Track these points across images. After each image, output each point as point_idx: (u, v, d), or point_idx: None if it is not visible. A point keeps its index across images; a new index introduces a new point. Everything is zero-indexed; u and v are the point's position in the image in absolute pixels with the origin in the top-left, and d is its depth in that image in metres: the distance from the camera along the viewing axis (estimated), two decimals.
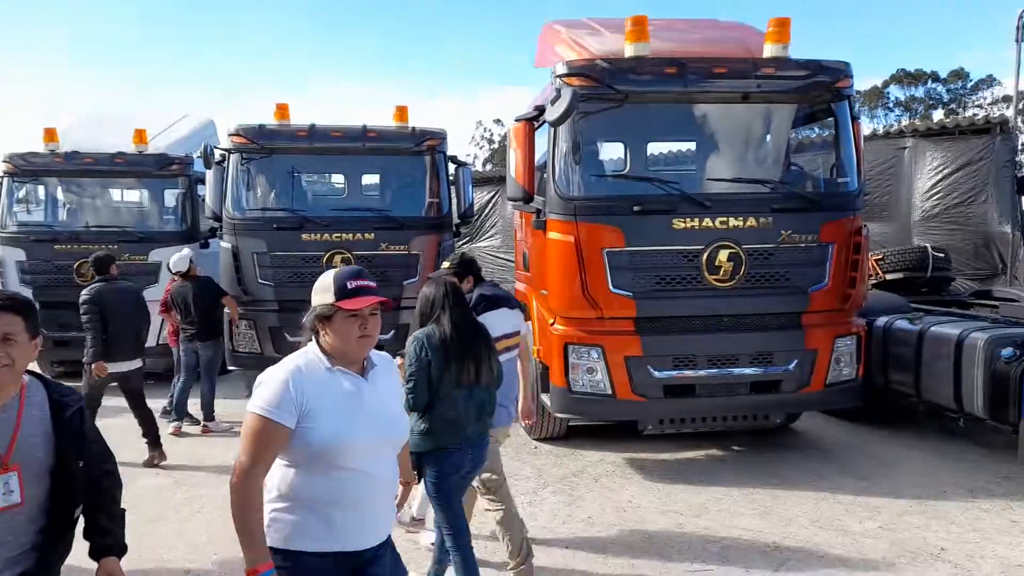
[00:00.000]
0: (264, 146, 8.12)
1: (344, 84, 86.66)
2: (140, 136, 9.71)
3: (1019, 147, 6.72)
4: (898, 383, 6.63)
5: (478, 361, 3.42)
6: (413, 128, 8.45)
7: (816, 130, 6.66)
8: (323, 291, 2.21)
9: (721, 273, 5.71)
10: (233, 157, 8.11)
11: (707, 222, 5.70)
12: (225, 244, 8.13)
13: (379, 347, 2.38)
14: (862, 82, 41.05)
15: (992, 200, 10.34)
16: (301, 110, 9.20)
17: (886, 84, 40.86)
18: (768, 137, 6.46)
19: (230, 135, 8.19)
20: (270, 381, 2.13)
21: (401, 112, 8.50)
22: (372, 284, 2.23)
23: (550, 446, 6.61)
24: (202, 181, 9.23)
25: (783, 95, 5.99)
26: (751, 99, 5.92)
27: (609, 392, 5.77)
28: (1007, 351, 5.61)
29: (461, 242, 13.53)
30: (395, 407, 2.36)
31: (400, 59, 71.13)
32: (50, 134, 9.61)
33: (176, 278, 7.43)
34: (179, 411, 7.31)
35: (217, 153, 8.30)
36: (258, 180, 8.42)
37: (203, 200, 9.03)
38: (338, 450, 2.12)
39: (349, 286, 2.17)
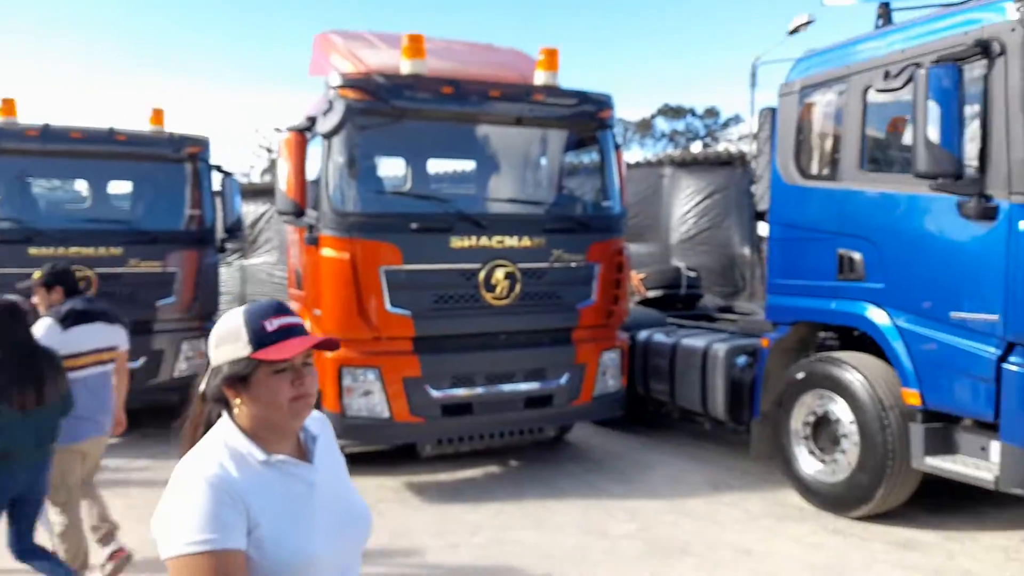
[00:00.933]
0: None
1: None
2: (157, 117, 7.85)
3: (754, 180, 7.61)
4: (657, 391, 7.18)
5: (40, 382, 3.38)
6: (171, 133, 7.73)
7: (584, 156, 7.07)
8: (228, 340, 1.55)
9: (498, 291, 5.81)
10: None
11: (484, 241, 5.78)
12: None
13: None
14: (633, 113, 44.93)
15: (735, 225, 11.72)
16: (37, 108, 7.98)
17: (653, 116, 45.19)
18: (541, 160, 6.74)
19: None
20: (188, 498, 1.43)
21: (157, 115, 7.74)
22: (298, 321, 1.60)
23: None
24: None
25: (552, 121, 6.26)
26: (524, 123, 6.12)
27: (387, 415, 5.61)
28: (742, 359, 6.30)
29: (232, 258, 12.67)
30: (354, 496, 1.72)
31: (159, 57, 64.95)
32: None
33: None
34: None
35: None
36: None
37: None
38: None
39: (269, 327, 1.53)
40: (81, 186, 9.20)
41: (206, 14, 70.45)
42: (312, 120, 5.84)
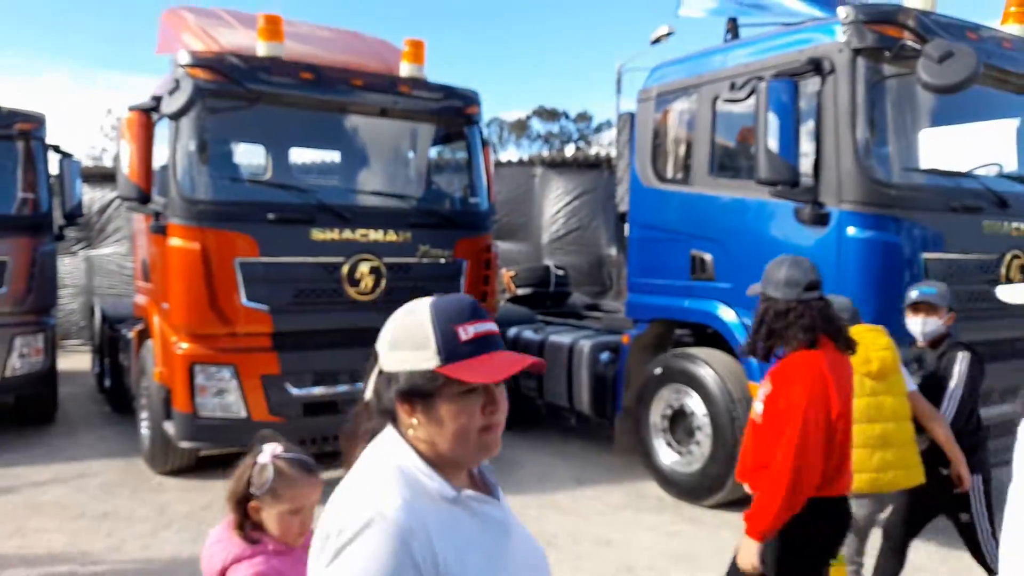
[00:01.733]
0: None
1: None
2: None
3: (617, 182, 7.88)
4: (525, 388, 7.28)
5: None
6: (0, 108, 7.00)
7: (452, 152, 7.05)
8: (410, 344, 1.23)
9: (362, 286, 5.67)
10: None
11: (348, 234, 5.63)
12: None
13: None
14: (510, 114, 45.48)
15: (602, 226, 12.11)
16: None
17: (529, 117, 45.97)
18: (408, 154, 6.66)
19: None
20: (367, 555, 1.10)
21: None
22: (495, 328, 1.29)
23: (176, 480, 5.89)
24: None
25: (418, 114, 6.20)
26: (388, 114, 6.01)
27: (243, 415, 5.34)
28: (605, 355, 6.49)
29: (76, 247, 11.68)
30: (533, 540, 1.42)
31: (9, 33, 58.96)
32: None
33: None
34: None
35: None
36: None
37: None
38: None
39: (463, 335, 1.22)
40: None
41: None
42: (158, 100, 5.46)
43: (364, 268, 5.67)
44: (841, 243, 4.52)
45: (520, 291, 9.07)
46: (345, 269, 5.60)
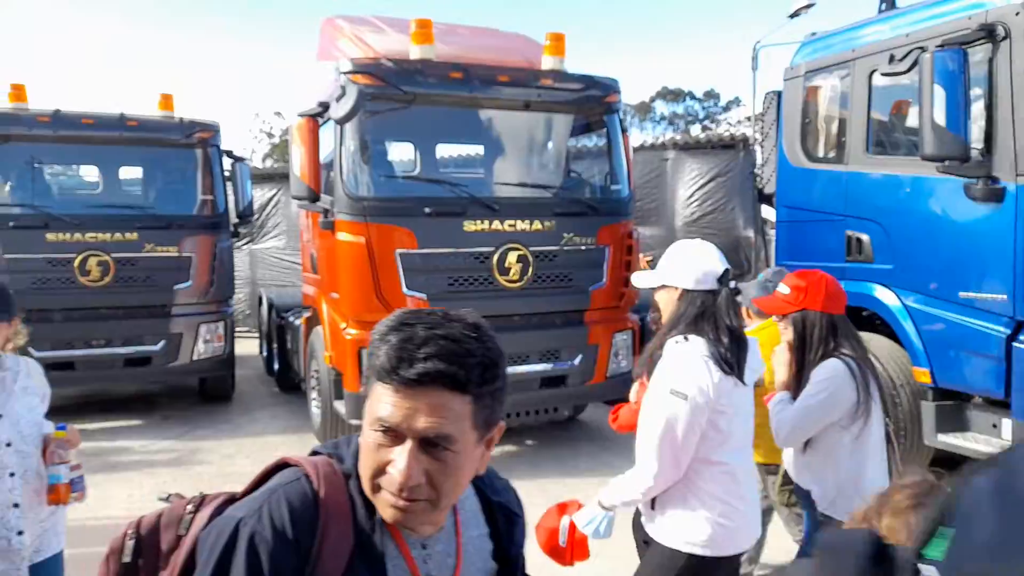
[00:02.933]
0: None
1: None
2: (166, 102, 7.92)
3: (759, 163, 7.71)
4: None
5: None
6: (181, 119, 7.79)
7: (592, 140, 7.15)
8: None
9: (511, 274, 5.91)
10: None
11: (496, 225, 5.87)
12: None
13: (146, 360, 2.08)
14: (632, 96, 44.81)
15: (738, 208, 11.79)
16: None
17: (652, 99, 45.06)
18: (549, 145, 6.81)
19: None
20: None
21: (166, 100, 7.80)
22: None
23: None
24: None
25: (560, 105, 6.34)
26: (532, 107, 6.19)
27: None
28: None
29: (241, 243, 12.75)
30: None
31: (162, 41, 64.62)
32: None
33: None
34: None
35: None
36: None
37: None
38: None
39: None
40: (91, 172, 9.29)
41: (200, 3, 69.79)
42: (324, 106, 5.91)
43: (512, 257, 5.90)
44: (1020, 220, 4.24)
45: None
46: (495, 258, 5.84)
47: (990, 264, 4.42)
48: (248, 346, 11.25)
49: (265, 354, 9.62)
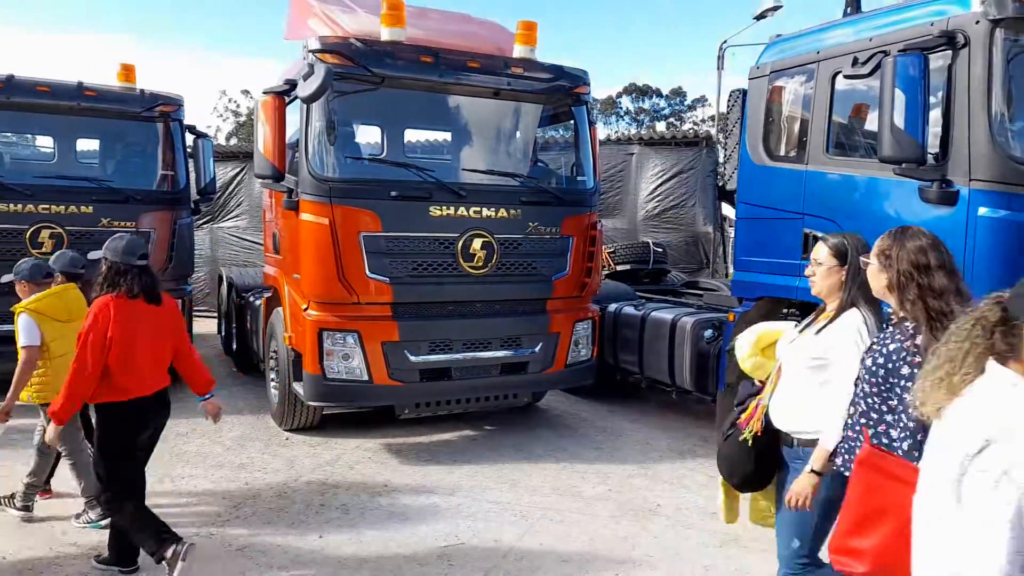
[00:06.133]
0: None
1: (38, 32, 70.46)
2: (127, 73, 7.58)
3: (721, 160, 7.85)
4: (625, 362, 7.41)
5: None
6: (142, 90, 7.59)
7: (560, 131, 7.19)
8: None
9: (475, 260, 5.92)
10: None
11: (462, 211, 5.88)
12: None
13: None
14: (599, 91, 45.08)
15: (699, 204, 11.98)
16: None
17: (619, 95, 45.40)
18: (517, 133, 6.83)
19: None
20: None
21: (127, 71, 7.57)
22: None
23: (303, 436, 6.38)
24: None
25: (529, 94, 6.35)
26: (501, 95, 6.19)
27: (366, 378, 5.72)
28: (708, 332, 6.54)
29: (202, 221, 12.51)
30: None
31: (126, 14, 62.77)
32: None
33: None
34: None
35: None
36: None
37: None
38: None
39: None
40: (47, 143, 8.98)
41: None
42: (291, 84, 5.82)
43: (477, 244, 5.92)
44: (971, 223, 4.41)
45: (619, 267, 9.17)
46: (459, 244, 5.85)
47: None
48: (207, 325, 11.07)
49: (224, 334, 9.47)
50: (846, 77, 5.20)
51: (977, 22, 4.40)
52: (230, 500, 4.94)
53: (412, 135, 9.00)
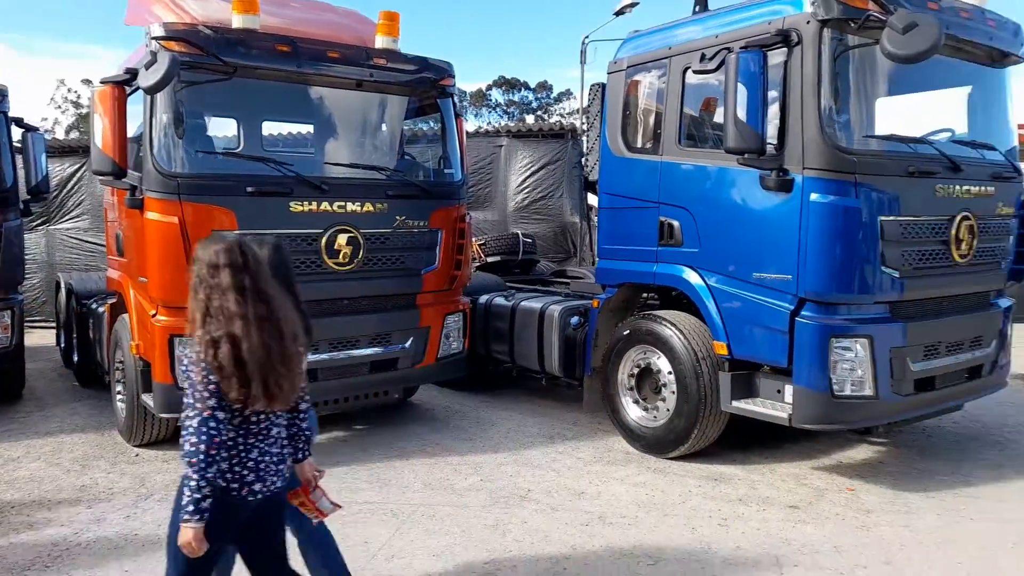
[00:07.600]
0: None
1: None
2: None
3: (584, 152, 8.06)
4: (497, 352, 7.48)
5: None
6: None
7: (426, 124, 7.10)
8: None
9: (340, 257, 5.75)
10: None
11: (325, 206, 5.68)
12: None
13: None
14: (470, 85, 45.25)
15: (566, 195, 12.29)
16: None
17: (489, 88, 45.78)
18: (382, 126, 6.68)
19: None
20: None
21: None
22: None
23: (154, 451, 5.95)
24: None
25: (393, 86, 6.22)
26: (363, 87, 6.03)
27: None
28: (575, 319, 6.72)
29: (36, 222, 11.43)
30: None
31: None
32: None
33: None
34: None
35: None
36: None
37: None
38: None
39: None
40: None
41: None
42: (132, 73, 5.39)
43: (342, 239, 5.74)
44: (804, 208, 4.76)
45: (490, 259, 9.22)
46: (323, 240, 5.66)
47: (779, 247, 4.93)
48: (44, 337, 10.12)
49: (63, 345, 8.70)
50: (695, 72, 5.48)
51: (808, 22, 4.75)
52: (70, 528, 4.49)
53: (272, 128, 8.62)
